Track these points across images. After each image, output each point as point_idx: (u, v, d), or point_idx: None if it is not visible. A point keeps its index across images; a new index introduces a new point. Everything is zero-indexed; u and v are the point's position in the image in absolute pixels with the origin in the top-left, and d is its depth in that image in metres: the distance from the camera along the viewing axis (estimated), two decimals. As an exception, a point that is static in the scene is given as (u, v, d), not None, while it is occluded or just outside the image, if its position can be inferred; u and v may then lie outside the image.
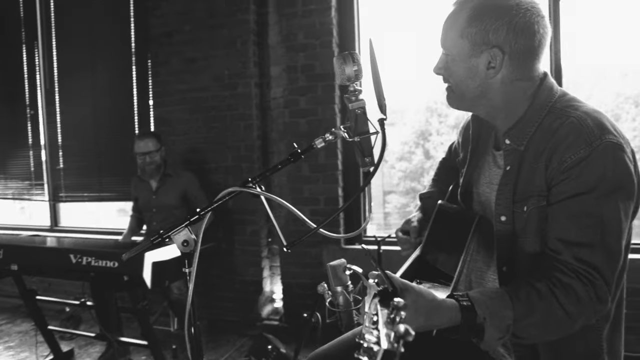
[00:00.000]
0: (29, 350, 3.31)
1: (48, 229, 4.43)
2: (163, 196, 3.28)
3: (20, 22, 4.31)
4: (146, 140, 3.21)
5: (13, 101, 4.44)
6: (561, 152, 1.02)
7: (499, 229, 1.15)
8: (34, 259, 2.59)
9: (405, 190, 20.38)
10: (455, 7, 1.13)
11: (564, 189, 1.02)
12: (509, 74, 1.10)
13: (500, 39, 1.06)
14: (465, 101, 1.17)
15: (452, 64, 1.13)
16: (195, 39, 3.58)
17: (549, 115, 1.09)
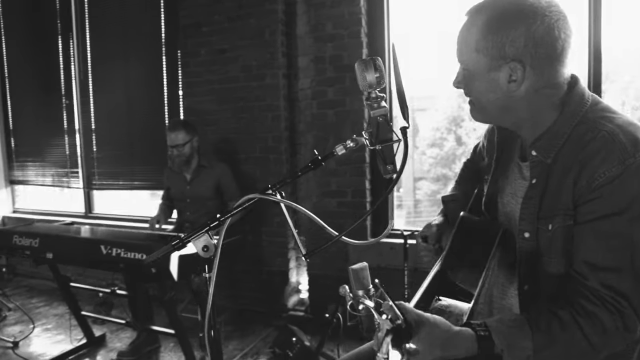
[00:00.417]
0: (64, 333, 3.43)
1: (82, 216, 4.57)
2: (197, 187, 3.29)
3: (56, 13, 4.40)
4: (176, 132, 3.18)
5: (50, 91, 4.56)
6: (591, 169, 0.95)
7: (522, 246, 1.09)
8: (67, 248, 2.66)
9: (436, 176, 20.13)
10: (467, 18, 1.06)
11: (592, 209, 0.95)
12: (533, 83, 1.02)
13: (519, 51, 0.99)
14: (489, 115, 1.12)
15: (471, 79, 1.07)
16: (223, 30, 3.57)
17: (580, 127, 1.01)
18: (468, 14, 1.06)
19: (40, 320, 3.74)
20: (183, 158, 3.21)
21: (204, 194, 3.27)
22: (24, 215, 4.89)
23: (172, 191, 3.41)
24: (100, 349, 3.21)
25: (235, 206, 1.16)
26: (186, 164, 3.26)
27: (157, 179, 3.92)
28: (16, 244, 2.80)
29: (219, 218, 1.16)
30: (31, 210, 4.98)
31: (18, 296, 4.30)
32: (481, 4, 1.05)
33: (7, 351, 3.20)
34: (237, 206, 1.16)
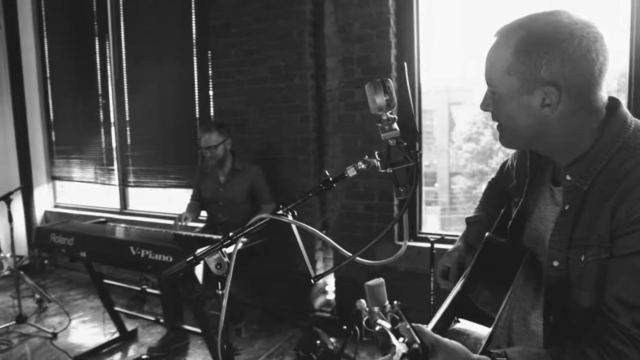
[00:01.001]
0: (99, 326, 3.57)
1: (118, 212, 4.71)
2: (230, 190, 3.27)
3: (93, 16, 4.53)
4: (209, 133, 3.13)
5: (87, 91, 4.71)
6: (632, 200, 0.89)
7: (550, 275, 1.04)
8: (99, 248, 2.76)
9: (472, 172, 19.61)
10: (497, 38, 1.01)
11: (630, 243, 0.89)
12: (568, 107, 0.97)
13: (554, 75, 0.93)
14: (521, 140, 1.07)
15: (501, 102, 1.02)
16: (252, 31, 3.58)
17: (621, 153, 0.95)
18: (498, 35, 1.01)
19: (77, 312, 3.90)
20: (216, 160, 3.17)
21: (237, 198, 3.25)
22: (64, 210, 5.09)
23: (204, 193, 3.39)
24: (132, 343, 3.32)
25: (248, 225, 1.16)
26: (219, 166, 3.23)
27: (188, 178, 4.00)
28: (53, 242, 2.93)
29: (232, 237, 1.16)
30: (71, 205, 5.18)
31: (58, 288, 4.50)
32: (513, 24, 0.99)
33: (46, 342, 3.35)
34: (249, 225, 1.16)
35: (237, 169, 3.28)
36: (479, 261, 1.22)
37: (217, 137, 3.14)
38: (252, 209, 3.30)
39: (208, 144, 3.13)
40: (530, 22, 0.97)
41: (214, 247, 1.17)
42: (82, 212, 4.93)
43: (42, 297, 3.97)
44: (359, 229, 3.39)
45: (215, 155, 3.15)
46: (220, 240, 1.17)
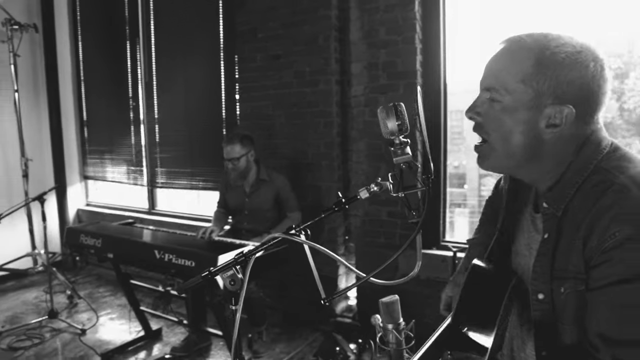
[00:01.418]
0: (126, 324, 3.66)
1: (146, 212, 4.83)
2: (256, 200, 3.27)
3: (125, 20, 4.64)
4: (231, 145, 3.11)
5: (119, 93, 4.84)
6: (602, 228, 0.84)
7: (536, 309, 0.98)
8: (126, 250, 2.83)
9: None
10: (509, 45, 0.96)
11: (604, 274, 0.84)
12: (570, 131, 0.93)
13: (574, 94, 0.90)
14: (509, 161, 0.98)
15: (501, 113, 0.95)
16: (278, 36, 3.61)
17: (592, 177, 0.91)
18: (510, 42, 0.97)
19: (105, 309, 4.01)
20: (238, 172, 3.17)
21: (263, 207, 3.25)
22: (96, 209, 5.25)
23: (230, 202, 3.40)
24: (157, 342, 3.40)
25: (262, 243, 1.17)
26: (242, 177, 3.22)
27: (214, 181, 4.06)
28: (82, 243, 3.02)
29: (246, 254, 1.18)
30: (102, 204, 5.34)
31: (88, 284, 4.64)
32: (529, 35, 0.96)
33: (75, 337, 3.46)
34: (263, 243, 1.17)
35: (263, 178, 3.26)
36: (466, 292, 1.15)
37: (240, 149, 3.12)
38: (279, 216, 3.32)
39: (230, 156, 3.12)
40: (553, 38, 0.93)
41: (228, 263, 1.19)
42: (113, 211, 5.07)
43: (73, 293, 4.10)
44: (382, 235, 3.37)
45: (237, 167, 3.14)
46: (234, 257, 1.18)
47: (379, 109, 0.96)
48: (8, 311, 4.00)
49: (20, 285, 4.62)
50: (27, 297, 4.33)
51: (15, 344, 3.38)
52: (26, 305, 4.14)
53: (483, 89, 0.99)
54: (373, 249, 3.40)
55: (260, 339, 3.33)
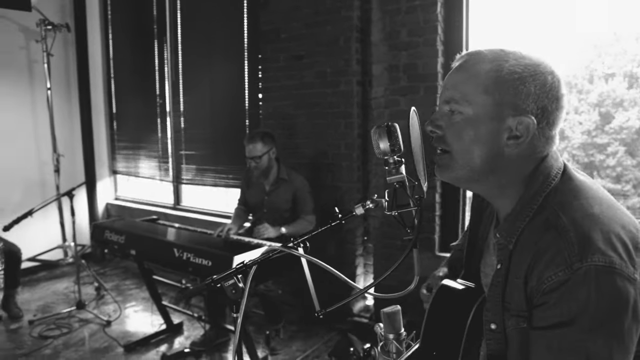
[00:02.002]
0: (149, 316, 3.78)
1: (171, 207, 4.95)
2: (275, 199, 3.30)
3: (153, 19, 4.75)
4: (253, 144, 3.13)
5: (146, 90, 4.96)
6: (540, 269, 0.84)
7: (489, 339, 0.96)
8: (147, 247, 2.92)
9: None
10: (471, 57, 0.96)
11: (543, 315, 0.84)
12: (527, 147, 0.93)
13: (535, 106, 0.90)
14: (470, 173, 0.96)
15: (462, 125, 0.94)
16: (301, 36, 3.62)
17: (541, 212, 0.90)
18: (469, 55, 0.97)
19: (130, 302, 4.15)
20: (260, 170, 3.19)
21: (281, 206, 3.28)
22: (124, 203, 5.41)
23: (249, 200, 3.45)
24: (178, 336, 3.49)
25: (262, 255, 1.20)
26: (264, 175, 3.23)
27: (237, 178, 4.12)
28: (107, 239, 3.13)
29: (246, 265, 1.21)
30: (130, 198, 5.50)
31: (115, 276, 4.80)
32: (487, 49, 0.96)
33: (100, 328, 3.60)
34: (263, 254, 1.20)
35: (282, 177, 3.28)
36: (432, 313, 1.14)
37: (262, 147, 3.14)
38: (295, 216, 3.35)
39: (252, 154, 3.13)
40: (511, 52, 0.94)
41: (230, 273, 1.22)
42: (140, 205, 5.22)
43: (100, 285, 4.25)
44: (400, 237, 3.36)
45: (259, 166, 3.15)
46: (235, 267, 1.22)
47: (372, 129, 0.98)
48: (40, 300, 4.19)
49: (52, 275, 4.82)
50: (58, 287, 4.51)
51: (46, 332, 3.54)
52: (56, 295, 4.32)
53: (443, 102, 0.99)
54: (391, 251, 3.40)
55: (278, 336, 3.38)
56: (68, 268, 4.82)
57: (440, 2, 3.03)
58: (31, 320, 3.71)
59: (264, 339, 3.31)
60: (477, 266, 1.16)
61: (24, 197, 4.46)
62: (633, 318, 0.79)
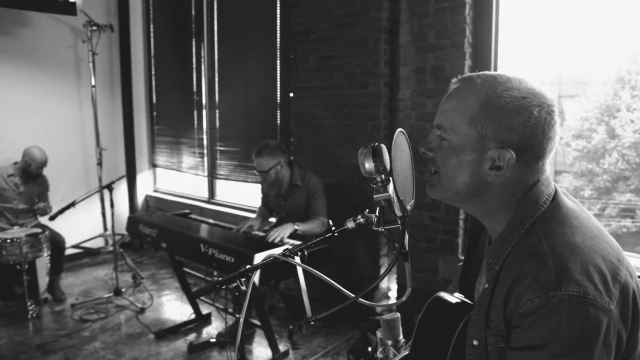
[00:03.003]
0: (181, 306, 3.96)
1: (206, 201, 5.13)
2: (291, 204, 3.36)
3: (192, 19, 4.91)
4: (260, 158, 3.16)
5: (184, 88, 5.14)
6: (519, 293, 0.86)
7: (470, 354, 0.99)
8: (177, 241, 3.07)
9: (581, 172, 18.18)
10: (462, 85, 0.99)
11: (518, 337, 0.86)
12: (513, 177, 0.95)
13: (517, 140, 0.92)
14: (453, 197, 1.02)
15: (448, 152, 0.98)
16: (330, 37, 3.66)
17: (526, 237, 0.92)
18: (463, 82, 0.99)
19: (164, 290, 4.35)
20: (269, 183, 3.23)
21: (297, 210, 3.33)
22: (162, 195, 5.65)
23: (269, 204, 3.53)
24: (206, 326, 3.65)
25: (260, 262, 1.27)
26: (274, 187, 3.28)
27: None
28: (141, 231, 3.31)
29: (248, 270, 1.28)
30: (168, 191, 5.73)
31: (152, 265, 5.04)
32: (481, 76, 0.98)
33: (134, 315, 3.80)
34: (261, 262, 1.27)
35: (296, 184, 3.30)
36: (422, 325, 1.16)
37: (268, 161, 3.15)
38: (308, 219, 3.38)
39: (260, 168, 3.18)
40: (503, 81, 0.95)
41: (233, 276, 1.30)
42: (176, 198, 5.43)
43: (136, 273, 4.48)
44: (424, 240, 3.37)
45: (267, 179, 3.19)
46: (238, 271, 1.29)
47: (360, 150, 1.02)
48: (82, 285, 4.47)
49: (94, 262, 5.11)
50: (99, 273, 4.79)
51: (86, 315, 3.78)
52: (97, 281, 4.59)
53: (435, 125, 1.02)
54: (415, 253, 3.42)
55: (300, 331, 3.47)
56: (108, 256, 5.09)
57: (469, 3, 3.00)
58: (73, 304, 3.98)
59: (287, 333, 3.42)
60: (473, 283, 1.19)
61: (69, 188, 4.74)
62: (604, 347, 0.81)
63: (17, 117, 4.62)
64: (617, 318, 0.83)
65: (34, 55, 4.70)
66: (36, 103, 4.75)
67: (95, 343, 3.36)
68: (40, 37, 4.70)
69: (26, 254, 3.62)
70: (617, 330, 0.83)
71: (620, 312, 0.83)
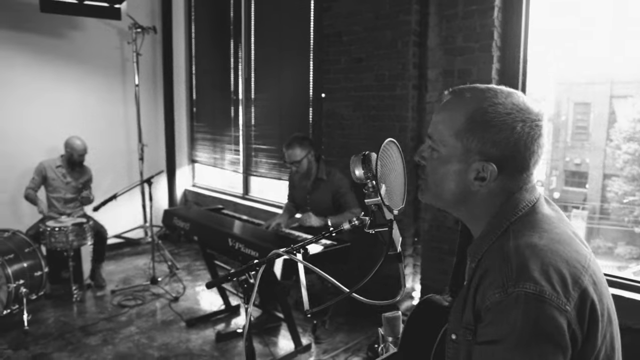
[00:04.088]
0: (211, 297, 4.14)
1: (240, 196, 5.30)
2: (316, 198, 3.48)
3: (230, 20, 5.08)
4: (292, 149, 3.34)
5: (222, 87, 5.33)
6: (484, 288, 0.92)
7: (450, 348, 1.04)
8: (207, 234, 3.23)
9: (631, 176, 17.26)
10: (452, 98, 1.05)
11: (482, 332, 0.92)
12: (497, 187, 1.01)
13: (499, 153, 0.98)
14: (441, 202, 1.10)
15: (437, 162, 1.06)
16: (361, 40, 3.73)
17: (502, 236, 0.98)
18: (453, 95, 1.06)
19: (197, 281, 4.55)
20: (302, 172, 3.40)
21: (322, 204, 3.44)
22: (199, 190, 5.88)
23: (295, 198, 3.67)
24: (234, 317, 3.81)
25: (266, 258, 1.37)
26: (306, 177, 3.45)
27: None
28: (175, 224, 3.49)
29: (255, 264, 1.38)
30: (205, 186, 5.95)
31: (187, 257, 5.26)
32: (472, 91, 1.04)
33: (168, 303, 4.01)
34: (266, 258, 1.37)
35: (321, 177, 3.44)
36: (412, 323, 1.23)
37: (300, 152, 3.33)
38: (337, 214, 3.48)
39: (292, 159, 3.34)
40: (490, 96, 1.00)
41: (242, 269, 1.40)
42: (213, 193, 5.65)
43: (173, 264, 4.70)
44: (447, 242, 3.39)
45: (299, 169, 3.36)
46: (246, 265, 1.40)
47: (352, 157, 1.10)
48: (122, 273, 4.74)
49: (134, 252, 5.40)
50: (138, 262, 5.06)
51: (124, 301, 4.02)
52: (136, 270, 4.85)
53: (427, 135, 1.09)
54: (437, 255, 3.44)
55: (324, 326, 3.57)
56: (147, 246, 5.36)
57: (498, 6, 2.99)
58: (113, 290, 4.24)
59: (310, 327, 3.52)
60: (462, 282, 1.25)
61: (113, 181, 5.03)
62: (558, 344, 0.86)
63: (69, 113, 4.94)
64: (574, 318, 0.87)
65: (85, 56, 5.01)
66: (85, 101, 5.06)
67: (131, 327, 3.58)
68: (90, 39, 5.00)
69: (72, 242, 3.89)
70: (573, 330, 0.87)
71: (577, 314, 0.88)
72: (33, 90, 4.74)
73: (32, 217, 4.38)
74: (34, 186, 4.29)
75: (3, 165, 4.61)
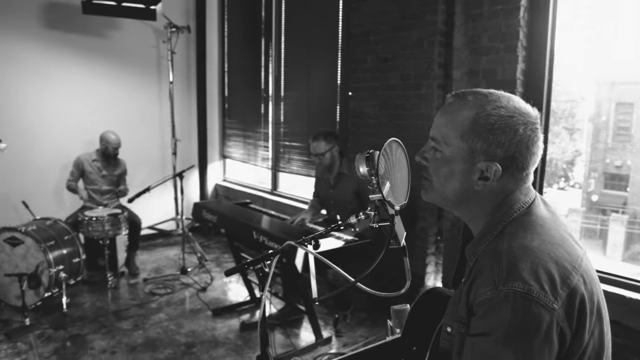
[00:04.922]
0: (238, 288, 4.28)
1: (269, 192, 5.43)
2: (338, 192, 3.57)
3: (262, 20, 5.21)
4: (317, 142, 3.46)
5: (253, 85, 5.46)
6: (477, 285, 0.98)
7: (444, 339, 1.10)
8: (234, 227, 3.36)
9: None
10: (456, 100, 1.10)
11: (473, 325, 0.98)
12: (497, 186, 1.06)
13: (504, 154, 1.03)
14: (444, 202, 1.15)
15: (440, 162, 1.10)
16: (387, 39, 3.77)
17: (498, 237, 1.03)
18: (457, 97, 1.10)
19: (225, 273, 4.70)
20: (324, 166, 3.49)
21: (345, 199, 3.53)
22: (229, 185, 6.04)
23: (319, 193, 3.77)
24: (258, 308, 3.92)
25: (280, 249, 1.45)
26: (328, 171, 3.54)
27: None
28: (204, 217, 3.64)
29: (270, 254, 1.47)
30: (235, 181, 6.12)
31: (217, 249, 5.43)
32: (473, 93, 1.09)
33: (196, 293, 4.18)
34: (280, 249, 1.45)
35: (343, 172, 3.53)
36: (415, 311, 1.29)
37: (325, 145, 3.44)
38: (361, 208, 3.54)
39: (316, 151, 3.45)
40: (493, 99, 1.06)
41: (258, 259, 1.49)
42: (242, 188, 5.80)
43: (202, 255, 4.88)
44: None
45: (323, 162, 3.47)
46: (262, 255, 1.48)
47: (357, 155, 1.17)
48: (154, 263, 4.94)
49: (166, 243, 5.62)
50: (169, 253, 5.26)
51: (155, 290, 4.21)
52: (167, 260, 5.05)
53: (430, 137, 1.15)
54: (452, 253, 3.46)
55: (345, 320, 3.65)
56: (179, 238, 5.56)
57: (524, 6, 2.98)
58: (145, 278, 4.44)
59: (332, 321, 3.60)
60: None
61: (148, 175, 5.24)
62: (544, 341, 0.91)
63: (107, 110, 5.18)
64: (562, 316, 0.92)
65: (123, 54, 5.24)
66: (122, 97, 5.30)
67: (161, 314, 3.76)
68: (128, 38, 5.22)
69: (107, 231, 4.10)
70: (560, 328, 0.92)
71: (565, 312, 0.93)
72: (74, 88, 5.00)
73: (72, 208, 4.63)
74: (73, 179, 4.53)
75: (46, 159, 4.89)
